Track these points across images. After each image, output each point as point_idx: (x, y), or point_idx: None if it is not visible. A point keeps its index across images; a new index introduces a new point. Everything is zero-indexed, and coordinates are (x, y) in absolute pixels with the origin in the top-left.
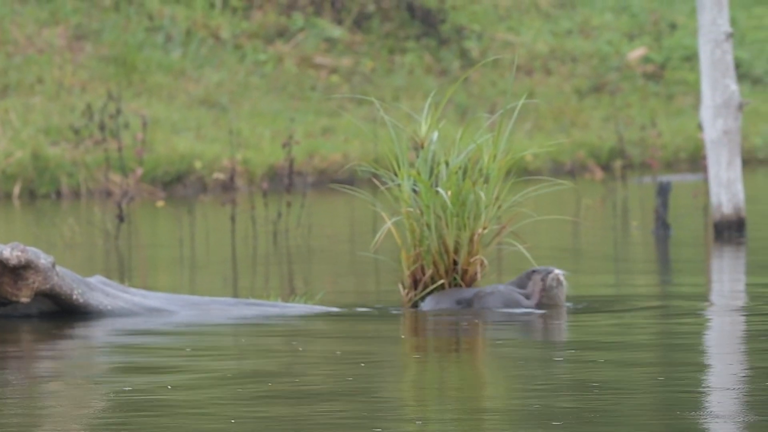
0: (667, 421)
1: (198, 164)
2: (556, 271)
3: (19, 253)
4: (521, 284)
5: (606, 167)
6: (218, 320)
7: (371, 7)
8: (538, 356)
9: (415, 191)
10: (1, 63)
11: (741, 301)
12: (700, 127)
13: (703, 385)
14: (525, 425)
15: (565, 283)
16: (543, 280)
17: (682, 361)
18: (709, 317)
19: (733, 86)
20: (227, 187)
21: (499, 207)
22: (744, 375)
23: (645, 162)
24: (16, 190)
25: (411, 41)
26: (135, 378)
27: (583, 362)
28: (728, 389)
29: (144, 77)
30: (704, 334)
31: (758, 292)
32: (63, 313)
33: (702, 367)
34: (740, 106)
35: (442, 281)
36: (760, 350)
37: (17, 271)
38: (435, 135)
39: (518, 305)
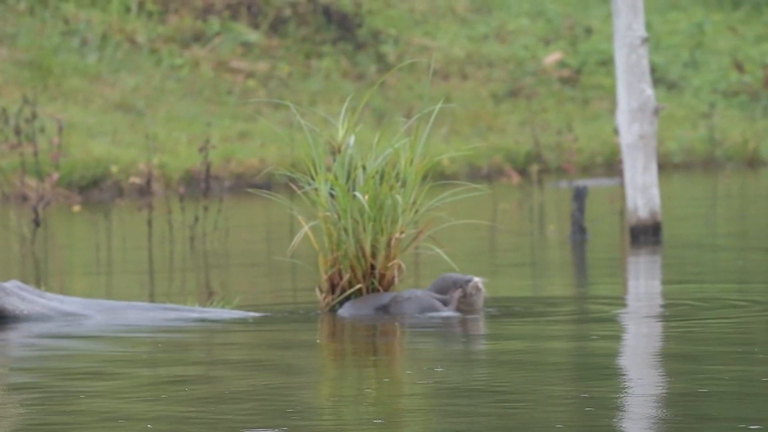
0: (581, 414)
1: (114, 168)
2: (476, 279)
3: None
4: (439, 289)
5: (522, 171)
6: (135, 325)
7: (287, 12)
8: (453, 359)
9: (332, 195)
10: None
11: (655, 303)
12: (616, 132)
13: (617, 384)
14: (441, 425)
15: (483, 290)
16: (462, 287)
17: (596, 363)
18: (622, 319)
19: (649, 91)
20: (144, 191)
21: (416, 211)
22: (658, 374)
23: (561, 166)
24: None
25: (327, 45)
26: (49, 384)
27: (498, 362)
28: (642, 387)
29: (60, 81)
30: (618, 335)
31: (672, 294)
32: None
33: (615, 368)
34: (656, 111)
35: (359, 285)
36: (672, 351)
37: None
38: (352, 139)
39: (435, 310)
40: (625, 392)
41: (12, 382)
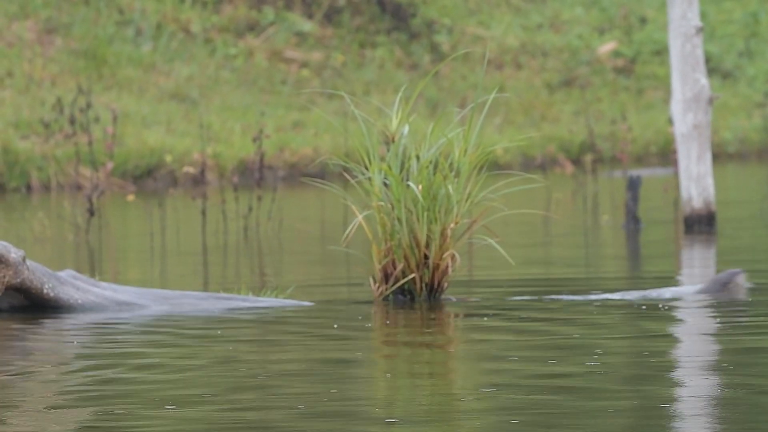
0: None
1: (168, 158)
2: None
3: None
4: (716, 288)
5: (576, 161)
6: (189, 314)
7: (342, 1)
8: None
9: (386, 185)
10: None
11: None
12: (670, 122)
13: (674, 367)
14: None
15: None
16: (741, 280)
17: (651, 346)
18: (676, 308)
19: (703, 80)
20: (198, 180)
21: (470, 201)
22: (712, 361)
23: (615, 156)
24: None
25: (381, 35)
26: (103, 373)
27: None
28: (698, 375)
29: (114, 71)
30: (672, 325)
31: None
32: (33, 307)
33: (673, 348)
34: (710, 101)
35: (413, 275)
36: (726, 340)
37: None
38: (406, 129)
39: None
40: (679, 373)
41: (66, 371)
